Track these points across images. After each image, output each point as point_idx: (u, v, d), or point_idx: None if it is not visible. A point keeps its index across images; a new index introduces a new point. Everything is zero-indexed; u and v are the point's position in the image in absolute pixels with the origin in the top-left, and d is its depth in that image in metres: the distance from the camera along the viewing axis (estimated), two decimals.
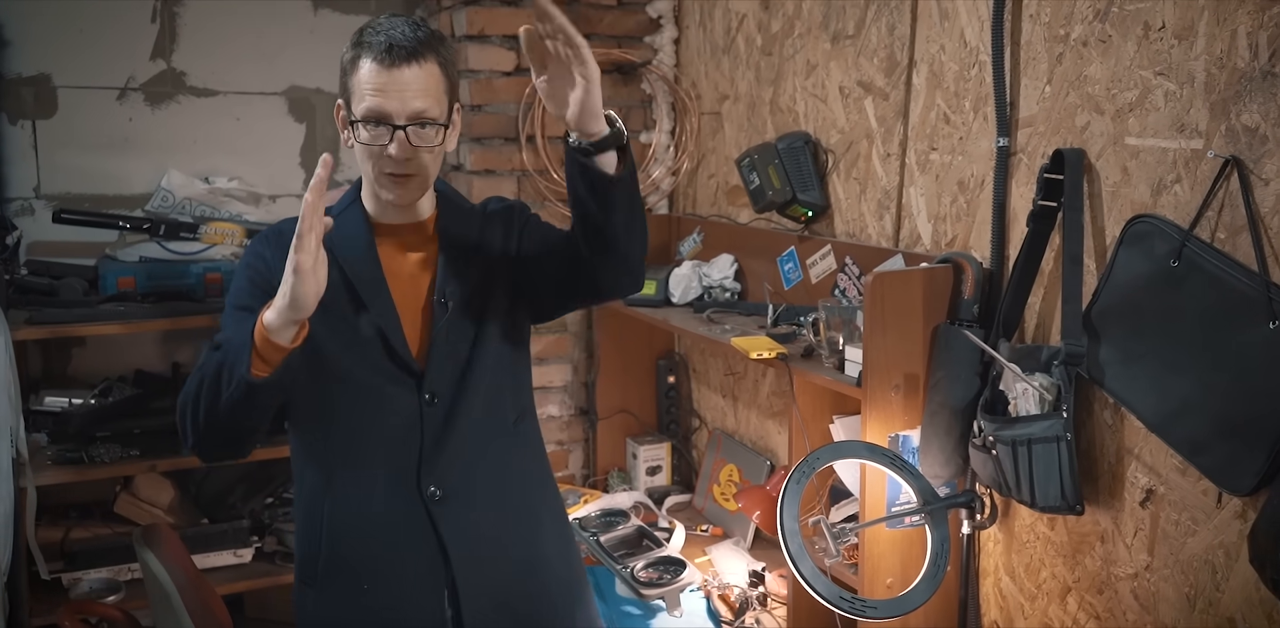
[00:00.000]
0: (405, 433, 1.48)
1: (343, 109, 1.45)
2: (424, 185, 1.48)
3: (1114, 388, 1.50)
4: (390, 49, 1.37)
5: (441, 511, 1.48)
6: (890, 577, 1.76)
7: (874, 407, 1.71)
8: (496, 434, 1.55)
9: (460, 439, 1.50)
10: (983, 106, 1.74)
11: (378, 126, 1.39)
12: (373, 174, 1.45)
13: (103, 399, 2.46)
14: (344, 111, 1.45)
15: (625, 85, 2.72)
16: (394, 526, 1.48)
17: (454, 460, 1.49)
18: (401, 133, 1.39)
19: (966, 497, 1.65)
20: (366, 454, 1.49)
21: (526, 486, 1.60)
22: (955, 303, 1.73)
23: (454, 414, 1.49)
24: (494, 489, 1.53)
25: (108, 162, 2.63)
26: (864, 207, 2.06)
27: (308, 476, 1.54)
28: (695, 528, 2.51)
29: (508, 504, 1.56)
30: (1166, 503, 1.47)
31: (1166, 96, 1.42)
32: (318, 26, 2.79)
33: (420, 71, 1.39)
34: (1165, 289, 1.41)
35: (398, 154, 1.39)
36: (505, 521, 1.55)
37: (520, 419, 1.60)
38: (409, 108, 1.39)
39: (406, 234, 1.53)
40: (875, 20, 1.97)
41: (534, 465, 1.64)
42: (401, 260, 1.52)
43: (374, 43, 1.38)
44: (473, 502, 1.50)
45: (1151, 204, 1.46)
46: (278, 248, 1.46)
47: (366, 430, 1.49)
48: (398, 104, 1.38)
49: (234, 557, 2.50)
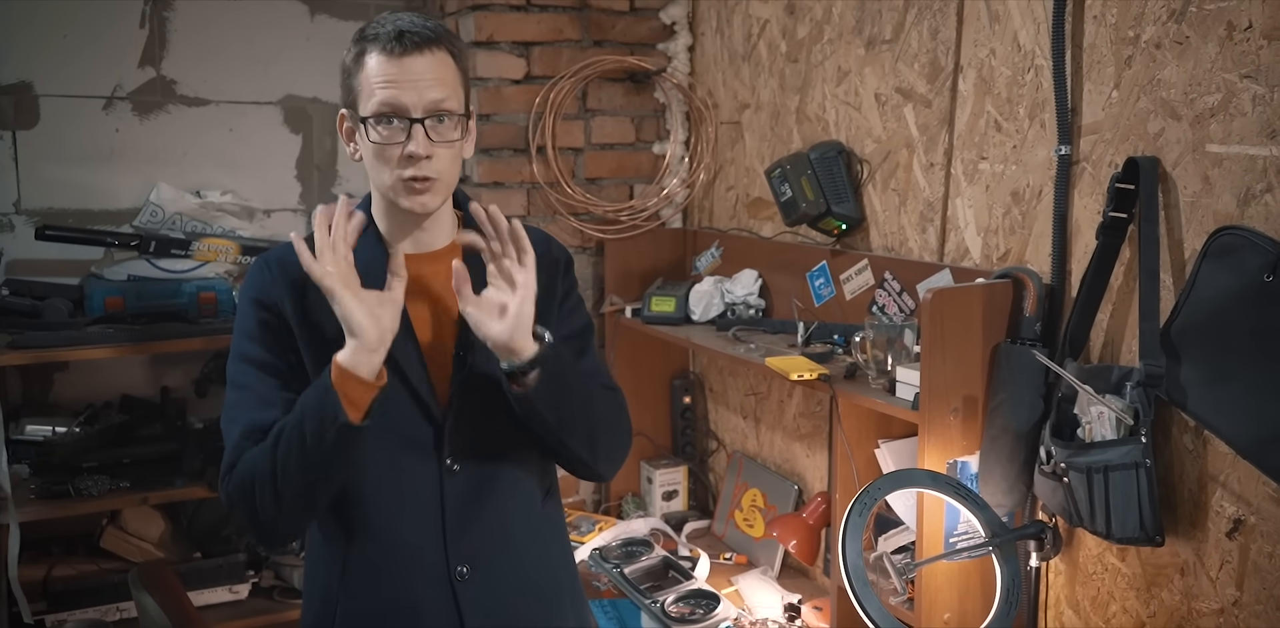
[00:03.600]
0: (425, 502, 1.32)
1: (346, 117, 1.32)
2: (446, 190, 1.32)
3: (1198, 411, 1.41)
4: (400, 36, 1.25)
5: (467, 593, 1.33)
6: (948, 612, 1.65)
7: (932, 432, 1.61)
8: (524, 508, 1.40)
9: (488, 511, 1.35)
10: (1039, 113, 1.65)
11: (392, 123, 1.26)
12: (388, 182, 1.28)
13: (88, 427, 2.32)
14: (349, 118, 1.31)
15: (638, 94, 2.62)
16: (415, 613, 1.33)
17: (482, 536, 1.35)
18: (420, 127, 1.25)
19: (1036, 528, 1.55)
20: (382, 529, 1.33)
21: (552, 566, 1.46)
22: (1016, 321, 1.63)
23: (479, 482, 1.35)
24: (521, 570, 1.39)
25: (93, 174, 2.49)
26: (904, 219, 1.96)
27: (320, 557, 1.39)
28: (718, 556, 2.40)
29: (532, 586, 1.42)
30: (1258, 534, 1.38)
31: (1255, 100, 1.33)
32: (314, 33, 2.67)
33: (434, 60, 1.26)
34: (1258, 306, 1.32)
35: (418, 151, 1.25)
36: (530, 606, 1.41)
37: (549, 496, 1.45)
38: (425, 98, 1.25)
39: (429, 265, 1.35)
40: (916, 24, 1.88)
41: (558, 546, 1.49)
42: (424, 298, 1.35)
43: (381, 34, 1.26)
44: (499, 583, 1.36)
45: (1238, 215, 1.37)
46: (283, 279, 1.31)
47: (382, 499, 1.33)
48: (413, 95, 1.25)
49: (230, 593, 2.37)
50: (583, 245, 2.63)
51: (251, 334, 1.33)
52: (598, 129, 2.60)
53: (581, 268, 2.64)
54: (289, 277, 1.31)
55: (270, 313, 1.32)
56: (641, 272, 2.61)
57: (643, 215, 2.63)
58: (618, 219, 2.60)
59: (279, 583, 2.43)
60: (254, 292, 1.34)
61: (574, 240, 2.61)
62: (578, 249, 2.62)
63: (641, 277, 2.60)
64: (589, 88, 2.57)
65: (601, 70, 2.54)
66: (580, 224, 2.57)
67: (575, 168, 2.60)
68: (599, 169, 2.62)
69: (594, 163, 2.61)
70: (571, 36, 2.54)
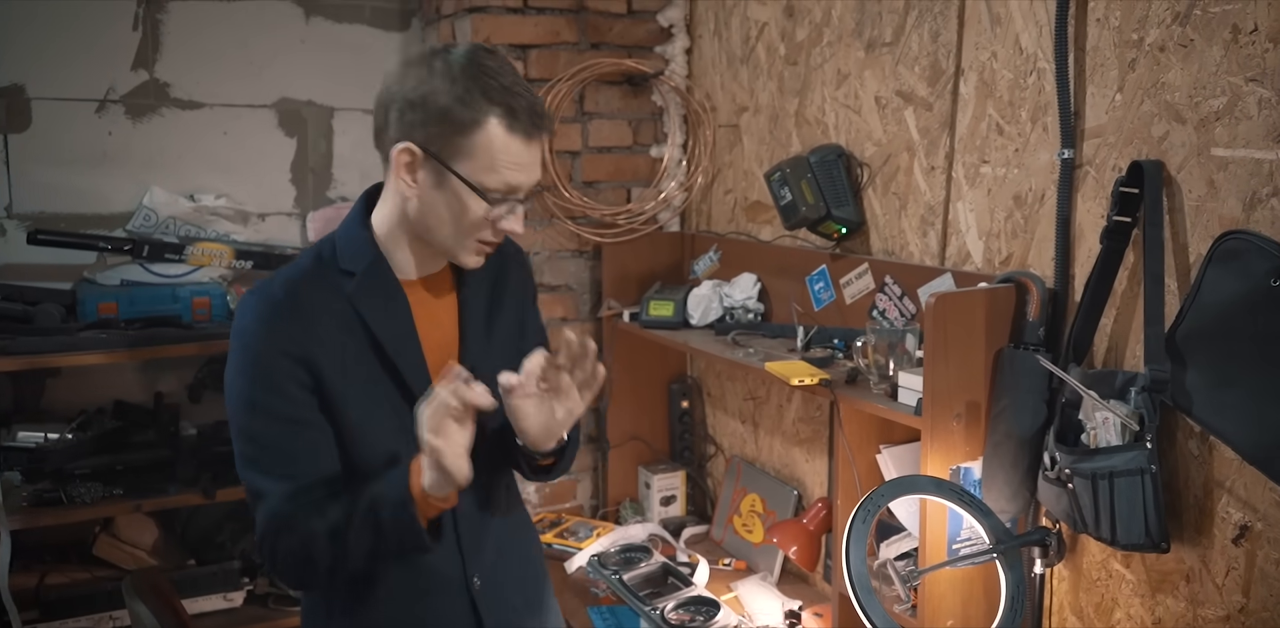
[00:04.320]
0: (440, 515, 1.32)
1: (420, 160, 1.26)
2: None
3: (1204, 416, 1.40)
4: (534, 118, 1.24)
5: (483, 601, 1.40)
6: (951, 619, 1.64)
7: (935, 437, 1.59)
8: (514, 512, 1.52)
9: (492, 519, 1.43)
10: (1042, 116, 1.64)
11: (503, 200, 1.27)
12: (456, 239, 1.30)
13: (81, 433, 2.29)
14: (425, 162, 1.26)
15: (635, 97, 2.61)
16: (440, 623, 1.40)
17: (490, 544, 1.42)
18: (521, 206, 1.29)
19: (1040, 534, 1.54)
20: None
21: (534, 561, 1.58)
22: (1019, 325, 1.62)
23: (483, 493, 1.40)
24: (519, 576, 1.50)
25: (86, 178, 2.47)
26: (905, 223, 1.95)
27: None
28: (717, 562, 2.38)
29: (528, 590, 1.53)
30: (1265, 540, 1.37)
31: (1260, 104, 1.32)
32: (309, 36, 2.65)
33: (543, 143, 1.30)
34: (1265, 310, 1.31)
35: (518, 228, 1.29)
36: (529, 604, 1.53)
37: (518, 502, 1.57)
38: (533, 180, 1.30)
39: (429, 289, 1.39)
40: (916, 27, 1.87)
41: (533, 539, 1.61)
42: (428, 320, 1.37)
43: (515, 106, 1.23)
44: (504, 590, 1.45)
45: (1243, 219, 1.36)
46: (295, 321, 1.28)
47: None
48: (528, 178, 1.28)
49: (224, 601, 2.34)
50: (580, 249, 2.61)
51: (274, 387, 1.27)
52: (595, 132, 2.59)
53: (578, 272, 2.62)
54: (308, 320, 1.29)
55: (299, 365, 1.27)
56: (639, 276, 2.59)
57: (640, 219, 2.61)
58: (615, 223, 2.58)
59: (274, 590, 2.41)
60: (280, 343, 1.27)
61: (571, 244, 2.59)
62: (575, 253, 2.61)
63: (639, 281, 2.59)
64: (586, 91, 2.55)
65: (599, 73, 2.52)
66: (577, 228, 2.56)
67: (572, 171, 2.58)
68: (596, 172, 2.61)
69: (591, 166, 2.60)
70: (569, 39, 2.52)
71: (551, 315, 2.58)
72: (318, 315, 1.29)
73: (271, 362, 1.26)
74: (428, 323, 1.36)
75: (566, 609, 2.23)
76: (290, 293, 1.29)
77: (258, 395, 1.28)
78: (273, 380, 1.26)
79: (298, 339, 1.27)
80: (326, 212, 2.67)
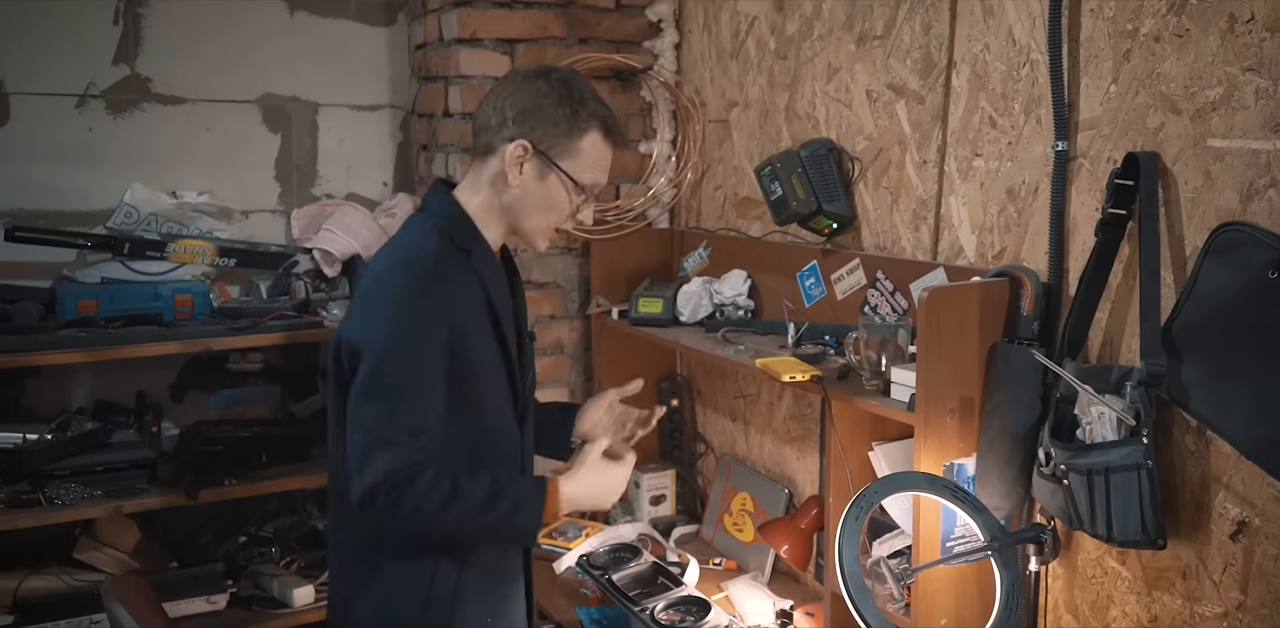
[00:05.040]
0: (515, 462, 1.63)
1: (532, 154, 1.52)
2: None
3: (1200, 411, 1.38)
4: (620, 131, 1.58)
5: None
6: (945, 617, 1.62)
7: (928, 434, 1.57)
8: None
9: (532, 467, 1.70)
10: (1035, 109, 1.62)
11: (583, 194, 1.57)
12: (542, 222, 1.58)
13: (60, 434, 2.25)
14: (535, 157, 1.53)
15: (624, 92, 2.58)
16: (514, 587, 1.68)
17: None
18: (593, 202, 1.61)
19: (1035, 531, 1.52)
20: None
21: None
22: (1013, 320, 1.60)
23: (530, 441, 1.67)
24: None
25: (66, 175, 2.43)
26: (896, 217, 1.93)
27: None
28: (707, 562, 2.36)
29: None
30: (1263, 536, 1.35)
31: (1258, 94, 1.31)
32: (293, 30, 2.62)
33: None
34: (1262, 303, 1.29)
35: (589, 220, 1.62)
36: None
37: None
38: (605, 182, 1.61)
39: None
40: (908, 19, 1.85)
41: None
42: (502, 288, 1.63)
43: (608, 118, 1.55)
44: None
45: (1240, 211, 1.34)
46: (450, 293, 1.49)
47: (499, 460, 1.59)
48: (606, 180, 1.60)
49: (207, 604, 2.30)
50: (569, 246, 2.59)
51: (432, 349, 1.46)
52: None
53: (567, 269, 2.60)
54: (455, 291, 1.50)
55: (451, 332, 1.48)
56: (628, 273, 2.56)
57: (629, 216, 2.58)
58: (604, 219, 2.56)
59: (258, 592, 2.37)
60: (440, 310, 1.47)
61: (560, 241, 2.56)
62: (563, 250, 2.58)
63: (628, 278, 2.56)
64: None
65: (587, 68, 2.49)
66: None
67: None
68: None
69: None
70: (556, 34, 2.49)
71: (540, 313, 2.55)
72: (460, 287, 1.50)
73: (431, 327, 1.46)
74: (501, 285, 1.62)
75: (555, 610, 2.20)
76: (440, 267, 1.49)
77: (412, 353, 1.45)
78: (427, 343, 1.45)
79: (450, 309, 1.47)
80: (311, 209, 2.63)
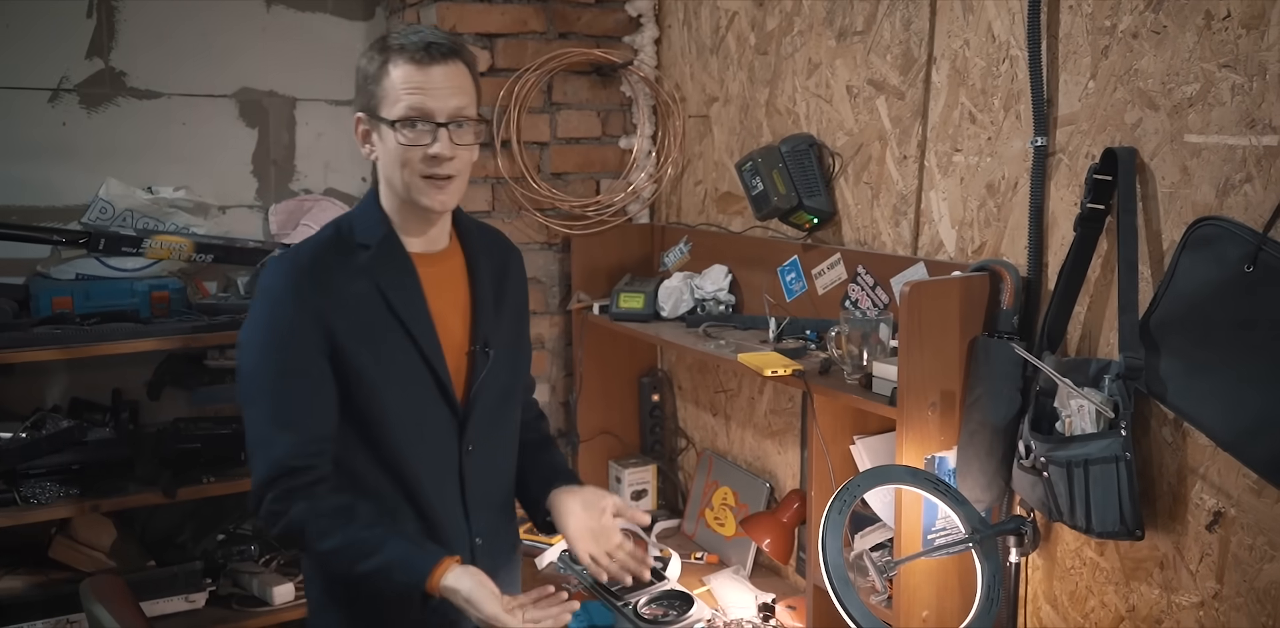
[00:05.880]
0: (445, 479, 1.47)
1: (364, 120, 1.43)
2: (461, 189, 1.46)
3: (1178, 403, 1.40)
4: (428, 47, 1.37)
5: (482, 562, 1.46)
6: (926, 609, 1.63)
7: (910, 427, 1.58)
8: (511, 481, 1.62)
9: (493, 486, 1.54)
10: (1015, 104, 1.63)
11: (416, 126, 1.38)
12: (407, 180, 1.41)
13: (35, 432, 2.21)
14: (366, 121, 1.43)
15: (604, 88, 2.58)
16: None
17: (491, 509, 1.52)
18: (444, 130, 1.38)
19: (1016, 523, 1.53)
20: (420, 503, 1.47)
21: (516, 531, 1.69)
22: (993, 314, 1.61)
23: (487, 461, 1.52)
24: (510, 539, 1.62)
25: (39, 170, 2.39)
26: (877, 212, 1.94)
27: None
28: (689, 556, 2.36)
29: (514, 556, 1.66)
30: (1239, 526, 1.37)
31: (1233, 90, 1.32)
32: (270, 24, 2.59)
33: (456, 70, 1.40)
34: (1238, 296, 1.31)
35: (443, 152, 1.38)
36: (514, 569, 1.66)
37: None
38: (449, 105, 1.38)
39: (437, 264, 1.50)
40: (888, 15, 1.86)
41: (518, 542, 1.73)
42: (438, 296, 1.48)
43: (408, 44, 1.37)
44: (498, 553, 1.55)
45: (1217, 205, 1.36)
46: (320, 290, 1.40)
47: (416, 476, 1.46)
48: (439, 102, 1.37)
49: (186, 602, 2.28)
50: (549, 242, 2.58)
51: (294, 346, 1.39)
52: (563, 123, 2.56)
53: (548, 264, 2.59)
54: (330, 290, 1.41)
55: (319, 331, 1.39)
56: (608, 268, 2.56)
57: (609, 211, 2.58)
58: (584, 215, 2.55)
59: (237, 591, 2.35)
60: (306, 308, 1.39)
61: (540, 236, 2.56)
62: (544, 245, 2.57)
63: (609, 273, 2.56)
64: (554, 81, 2.52)
65: (567, 63, 2.49)
66: (546, 220, 2.52)
67: (541, 162, 2.55)
68: (565, 164, 2.58)
69: (560, 157, 2.56)
70: (536, 28, 2.49)
71: None
72: (340, 286, 1.41)
73: (295, 323, 1.38)
74: (439, 295, 1.47)
75: None
76: (316, 262, 1.42)
77: (277, 350, 1.39)
78: (294, 340, 1.38)
79: (321, 307, 1.39)
80: (289, 204, 2.61)
